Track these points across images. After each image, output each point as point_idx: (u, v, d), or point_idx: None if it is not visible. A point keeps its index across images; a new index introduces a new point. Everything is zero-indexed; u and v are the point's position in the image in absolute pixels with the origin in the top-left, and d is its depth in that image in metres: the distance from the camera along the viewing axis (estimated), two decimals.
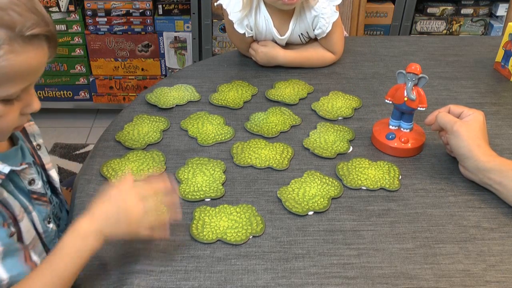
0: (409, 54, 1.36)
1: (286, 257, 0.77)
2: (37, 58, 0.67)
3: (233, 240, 0.79)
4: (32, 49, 0.66)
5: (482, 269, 0.76)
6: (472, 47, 1.41)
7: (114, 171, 0.92)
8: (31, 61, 0.66)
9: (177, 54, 2.24)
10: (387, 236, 0.81)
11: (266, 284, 0.73)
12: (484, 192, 0.90)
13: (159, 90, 1.16)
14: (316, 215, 0.84)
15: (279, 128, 1.04)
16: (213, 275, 0.74)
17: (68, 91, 2.29)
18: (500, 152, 1.00)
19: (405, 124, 1.00)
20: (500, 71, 1.29)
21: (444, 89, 1.21)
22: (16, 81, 0.66)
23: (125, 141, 0.99)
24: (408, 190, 0.91)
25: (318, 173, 0.93)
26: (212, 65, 1.29)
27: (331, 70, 1.27)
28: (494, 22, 2.18)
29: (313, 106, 1.12)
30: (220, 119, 1.07)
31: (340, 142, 1.01)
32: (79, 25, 2.13)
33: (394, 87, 0.98)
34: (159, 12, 2.14)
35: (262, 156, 0.96)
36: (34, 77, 0.70)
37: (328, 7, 1.20)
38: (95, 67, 2.23)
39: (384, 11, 2.14)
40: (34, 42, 0.66)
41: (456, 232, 0.83)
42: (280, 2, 1.15)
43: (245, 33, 1.22)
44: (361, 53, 1.36)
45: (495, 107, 1.15)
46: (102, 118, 2.41)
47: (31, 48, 0.66)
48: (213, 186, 0.89)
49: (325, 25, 1.21)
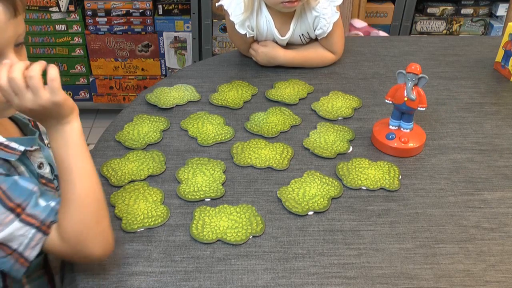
0: (409, 54, 1.36)
1: (286, 257, 0.77)
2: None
3: (233, 240, 0.79)
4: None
5: (482, 269, 0.76)
6: (472, 47, 1.41)
7: (114, 171, 0.92)
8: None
9: (177, 54, 2.24)
10: (387, 236, 0.81)
11: (266, 284, 0.73)
12: (484, 192, 0.90)
13: (159, 90, 1.16)
14: (316, 215, 0.84)
15: (279, 128, 1.04)
16: (213, 275, 0.74)
17: (68, 91, 2.28)
18: (500, 152, 1.01)
19: (405, 124, 1.00)
20: (500, 71, 1.29)
21: (444, 89, 1.21)
22: None
23: (125, 141, 0.99)
24: (408, 190, 0.91)
25: (318, 173, 0.93)
26: (212, 65, 1.29)
27: (331, 70, 1.27)
28: (494, 22, 2.18)
29: (313, 106, 1.12)
30: (220, 119, 1.07)
31: (340, 142, 1.01)
32: (79, 25, 2.13)
33: (394, 87, 0.98)
34: (159, 12, 2.14)
35: (262, 156, 0.96)
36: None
37: (328, 7, 1.20)
38: (95, 67, 2.23)
39: (384, 11, 2.14)
40: None
41: (456, 232, 0.83)
42: (281, 5, 1.15)
43: (246, 33, 1.22)
44: (361, 53, 1.36)
45: (495, 107, 1.15)
46: (102, 118, 2.41)
47: None
48: (213, 186, 0.89)
49: (326, 25, 1.21)
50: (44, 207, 0.70)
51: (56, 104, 0.66)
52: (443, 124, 1.08)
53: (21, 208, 0.68)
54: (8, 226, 0.67)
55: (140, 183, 0.89)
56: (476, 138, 1.04)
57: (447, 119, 1.10)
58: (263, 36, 1.26)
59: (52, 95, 0.65)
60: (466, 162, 0.98)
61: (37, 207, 0.69)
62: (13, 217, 0.67)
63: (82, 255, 0.70)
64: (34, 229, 0.68)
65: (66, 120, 0.69)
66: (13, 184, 0.68)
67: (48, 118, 0.69)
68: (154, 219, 0.82)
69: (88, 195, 0.70)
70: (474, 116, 1.11)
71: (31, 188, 0.69)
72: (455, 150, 1.01)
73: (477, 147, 1.02)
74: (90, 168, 0.71)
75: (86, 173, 0.70)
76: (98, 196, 0.71)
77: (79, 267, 0.74)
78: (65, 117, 0.69)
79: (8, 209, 0.67)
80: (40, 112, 0.67)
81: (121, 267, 0.75)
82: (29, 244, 0.68)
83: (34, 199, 0.69)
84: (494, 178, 0.94)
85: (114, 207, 0.84)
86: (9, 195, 0.67)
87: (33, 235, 0.68)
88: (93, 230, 0.69)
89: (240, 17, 1.19)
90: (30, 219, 0.68)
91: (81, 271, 0.74)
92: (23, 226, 0.67)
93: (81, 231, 0.69)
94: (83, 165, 0.70)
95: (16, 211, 0.67)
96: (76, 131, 0.70)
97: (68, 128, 0.69)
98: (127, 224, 0.81)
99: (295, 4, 1.15)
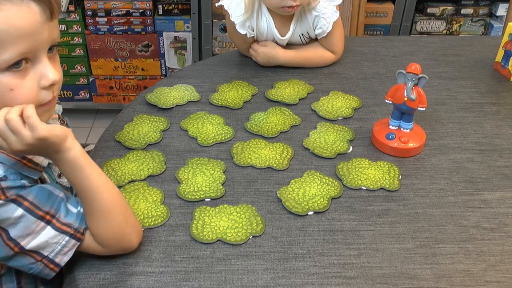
0: (409, 54, 1.36)
1: (286, 257, 0.77)
2: (22, 17, 0.64)
3: (233, 240, 0.79)
4: (12, 7, 0.63)
5: (482, 269, 0.76)
6: (472, 47, 1.41)
7: (114, 171, 0.92)
8: (13, 20, 0.63)
9: (177, 54, 2.24)
10: (387, 236, 0.81)
11: (266, 284, 0.73)
12: (484, 192, 0.91)
13: (159, 90, 1.16)
14: (316, 215, 0.84)
15: (279, 128, 1.04)
16: (213, 275, 0.74)
17: (68, 91, 2.29)
18: (500, 152, 1.01)
19: (405, 124, 1.00)
20: (500, 71, 1.29)
21: (444, 89, 1.21)
22: (5, 45, 0.63)
23: (125, 141, 0.99)
24: (408, 190, 0.91)
25: (318, 173, 0.93)
26: (212, 65, 1.29)
27: (331, 70, 1.27)
28: (494, 22, 2.18)
29: (313, 106, 1.12)
30: (220, 119, 1.07)
31: (340, 142, 1.01)
32: (79, 25, 2.13)
33: (394, 87, 0.98)
34: (159, 12, 2.14)
35: (262, 156, 0.96)
36: (32, 40, 0.65)
37: (328, 7, 1.20)
38: (95, 67, 2.23)
39: (384, 11, 2.14)
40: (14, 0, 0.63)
41: (456, 232, 0.83)
42: (281, 10, 1.16)
43: (246, 34, 1.22)
44: (361, 53, 1.36)
45: (495, 107, 1.15)
46: (102, 118, 2.41)
47: (11, 6, 0.63)
48: (213, 186, 0.89)
49: (326, 25, 1.21)
50: (77, 214, 0.71)
51: (41, 140, 0.65)
52: (443, 124, 1.08)
53: (50, 215, 0.69)
54: (40, 234, 0.68)
55: (140, 183, 0.89)
56: (476, 138, 1.04)
57: (447, 119, 1.10)
58: (263, 36, 1.26)
59: (33, 133, 0.65)
60: (466, 162, 0.98)
61: (70, 215, 0.71)
62: (44, 224, 0.68)
63: (121, 249, 0.75)
64: (68, 237, 0.70)
65: (64, 149, 0.68)
66: (39, 192, 0.68)
67: (44, 152, 0.69)
68: (154, 219, 0.82)
69: (113, 204, 0.72)
70: (474, 116, 1.11)
71: (57, 194, 0.70)
72: (455, 150, 1.01)
73: (477, 147, 1.02)
74: (106, 181, 0.73)
75: (104, 187, 0.72)
76: (120, 201, 0.74)
77: (79, 267, 0.74)
78: (61, 146, 0.68)
79: (38, 217, 0.67)
80: (32, 150, 0.67)
81: (121, 267, 0.75)
82: (61, 250, 0.70)
83: (63, 206, 0.70)
84: (494, 178, 0.94)
85: None
86: (37, 204, 0.67)
87: (66, 242, 0.70)
88: (125, 229, 0.74)
89: (241, 17, 1.20)
90: (65, 227, 0.70)
91: (81, 271, 0.74)
92: (58, 235, 0.69)
93: (116, 234, 0.73)
94: (99, 181, 0.71)
95: (46, 219, 0.68)
96: (79, 154, 0.69)
97: (71, 156, 0.69)
98: None
99: (295, 9, 1.15)
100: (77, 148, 0.69)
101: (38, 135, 0.65)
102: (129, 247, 0.75)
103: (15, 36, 0.64)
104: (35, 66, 0.67)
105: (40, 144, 0.66)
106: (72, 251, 0.71)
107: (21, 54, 0.65)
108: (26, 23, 0.64)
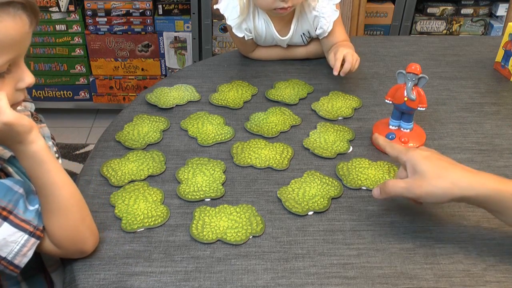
0: (409, 54, 1.36)
1: (286, 257, 0.77)
2: (16, 28, 0.66)
3: (233, 240, 0.79)
4: (8, 18, 0.65)
5: (482, 269, 0.76)
6: (472, 47, 1.41)
7: (114, 171, 0.92)
8: (9, 31, 0.66)
9: (177, 54, 2.24)
10: (387, 236, 0.81)
11: (266, 284, 0.73)
12: None
13: (159, 90, 1.16)
14: (316, 215, 0.84)
15: (279, 128, 1.04)
16: (213, 275, 0.74)
17: (68, 91, 2.29)
18: (500, 152, 1.00)
19: (405, 124, 1.00)
20: (500, 71, 1.29)
21: (444, 89, 1.21)
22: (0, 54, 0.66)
23: (125, 141, 0.99)
24: None
25: (318, 173, 0.93)
26: (212, 65, 1.29)
27: (331, 70, 1.26)
28: (494, 22, 2.18)
29: (313, 106, 1.12)
30: (220, 119, 1.07)
31: (340, 142, 1.01)
32: (79, 25, 2.13)
33: (394, 87, 0.98)
34: (159, 12, 2.14)
35: (262, 156, 0.96)
36: (18, 48, 0.68)
37: (327, 6, 1.20)
38: (95, 67, 2.23)
39: (384, 11, 2.14)
40: (9, 11, 0.65)
41: (456, 232, 0.82)
42: (274, 11, 1.16)
43: (244, 36, 1.22)
44: (361, 53, 1.35)
45: (495, 107, 1.15)
46: (102, 118, 2.41)
47: (7, 17, 0.65)
48: (213, 186, 0.89)
49: (326, 25, 1.21)
50: (36, 212, 0.71)
51: (7, 125, 0.65)
52: (443, 124, 1.08)
53: (7, 211, 0.68)
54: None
55: (140, 183, 0.89)
56: (476, 138, 1.04)
57: (447, 119, 1.10)
58: (262, 38, 1.26)
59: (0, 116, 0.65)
60: (466, 162, 0.98)
61: (28, 212, 0.70)
62: (0, 221, 0.67)
63: (76, 252, 0.74)
64: (28, 235, 0.69)
65: (28, 140, 0.68)
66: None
67: (7, 141, 0.69)
68: (154, 219, 0.82)
69: (70, 201, 0.72)
70: (474, 116, 1.11)
71: (16, 190, 0.70)
72: (455, 150, 1.01)
73: (477, 147, 1.02)
74: (65, 177, 0.73)
75: (63, 184, 0.72)
76: (78, 198, 0.74)
77: (79, 267, 0.74)
78: (25, 137, 0.68)
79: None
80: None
81: (121, 267, 0.75)
82: (20, 250, 0.69)
83: (22, 203, 0.70)
84: None
85: (114, 207, 0.84)
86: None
87: (25, 241, 0.69)
88: (81, 228, 0.74)
89: (236, 20, 1.20)
90: (24, 224, 0.69)
91: (81, 271, 0.74)
92: (16, 232, 0.68)
93: (71, 233, 0.72)
94: (59, 177, 0.72)
95: (3, 215, 0.68)
96: (42, 148, 0.70)
97: (34, 149, 0.69)
98: (127, 224, 0.81)
99: (288, 10, 1.15)
100: (40, 143, 0.69)
101: (6, 119, 0.65)
102: (85, 249, 0.74)
103: (8, 45, 0.66)
104: (13, 70, 0.70)
105: (4, 130, 0.66)
106: (32, 251, 0.70)
107: (9, 61, 0.67)
108: (18, 32, 0.67)
